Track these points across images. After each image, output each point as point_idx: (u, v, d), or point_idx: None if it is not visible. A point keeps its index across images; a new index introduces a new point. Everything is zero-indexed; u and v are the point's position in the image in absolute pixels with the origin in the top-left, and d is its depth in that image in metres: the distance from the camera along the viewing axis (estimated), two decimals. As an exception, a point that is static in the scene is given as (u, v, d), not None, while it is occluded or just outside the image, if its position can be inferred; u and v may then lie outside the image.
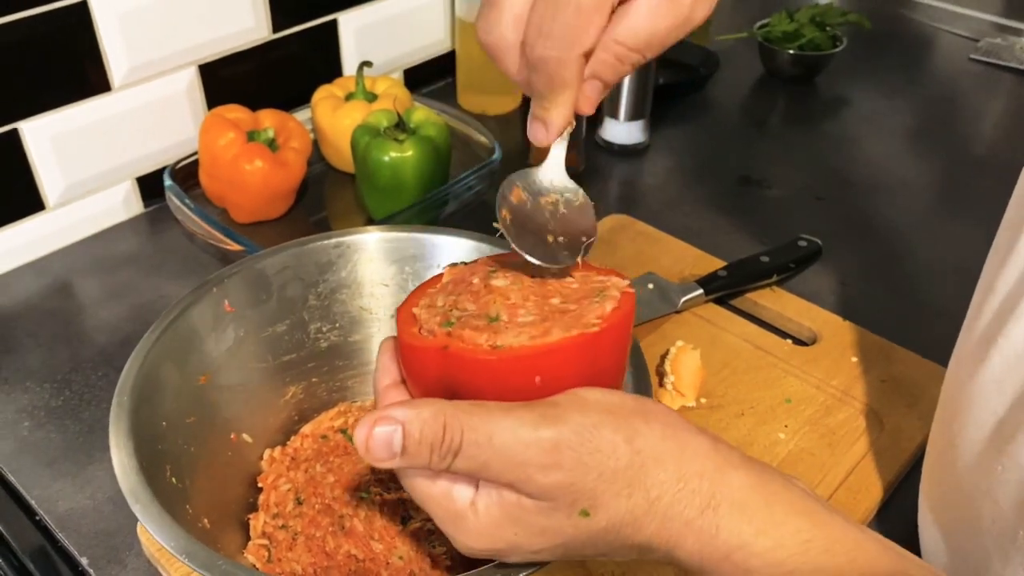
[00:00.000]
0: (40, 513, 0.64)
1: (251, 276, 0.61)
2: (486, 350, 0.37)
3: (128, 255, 0.88)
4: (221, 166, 0.85)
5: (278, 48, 0.97)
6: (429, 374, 0.39)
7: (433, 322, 0.40)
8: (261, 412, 0.62)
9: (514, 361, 0.37)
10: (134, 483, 0.47)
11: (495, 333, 0.38)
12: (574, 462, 0.35)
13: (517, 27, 0.39)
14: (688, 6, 0.40)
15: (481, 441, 0.35)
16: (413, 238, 0.64)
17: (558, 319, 0.39)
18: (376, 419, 0.36)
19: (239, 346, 0.60)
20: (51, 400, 0.72)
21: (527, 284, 0.42)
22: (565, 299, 0.41)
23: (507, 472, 0.35)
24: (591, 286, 0.42)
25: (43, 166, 0.84)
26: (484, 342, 0.38)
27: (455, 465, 0.36)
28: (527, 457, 0.35)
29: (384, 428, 0.36)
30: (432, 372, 0.39)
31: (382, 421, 0.36)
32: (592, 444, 0.35)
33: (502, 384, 0.38)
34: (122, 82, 0.86)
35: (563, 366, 0.38)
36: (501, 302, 0.40)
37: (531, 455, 0.35)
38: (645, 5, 0.39)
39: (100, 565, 0.60)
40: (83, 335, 0.79)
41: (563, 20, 0.38)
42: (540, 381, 0.37)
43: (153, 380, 0.53)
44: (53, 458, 0.67)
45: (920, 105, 1.18)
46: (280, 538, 0.57)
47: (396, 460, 0.36)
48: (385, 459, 0.36)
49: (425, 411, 0.36)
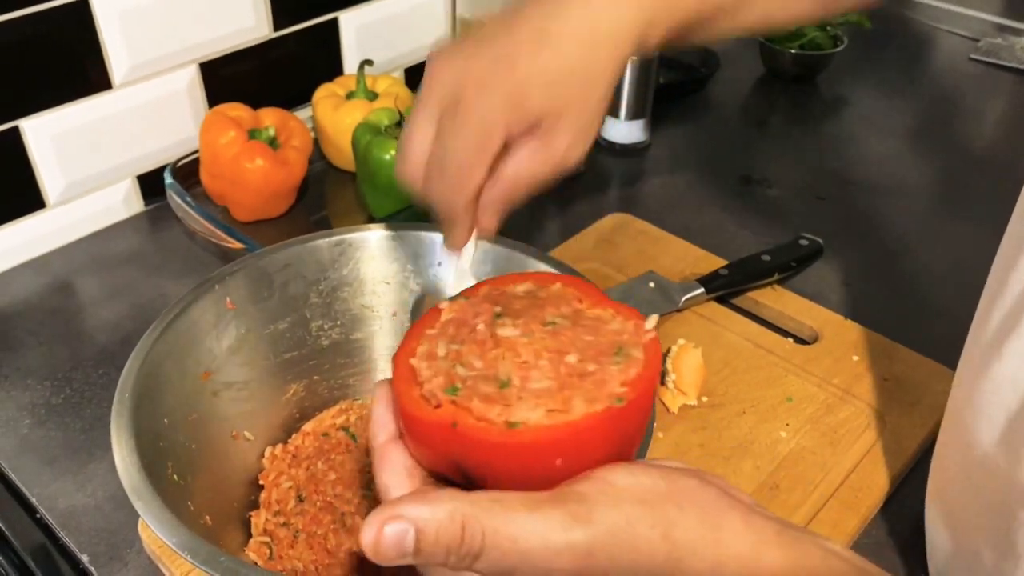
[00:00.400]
0: (41, 511, 0.64)
1: (253, 274, 0.61)
2: (500, 430, 0.34)
3: (129, 253, 0.88)
4: (222, 164, 0.85)
5: (279, 47, 0.97)
6: (435, 446, 0.36)
7: (436, 383, 0.36)
8: (262, 410, 0.62)
9: (533, 444, 0.33)
10: (136, 480, 0.47)
11: (507, 406, 0.34)
12: (608, 565, 0.33)
13: (419, 170, 0.51)
14: (561, 152, 0.49)
15: (504, 546, 0.32)
16: (415, 236, 0.64)
17: (577, 386, 0.35)
18: (386, 517, 0.32)
19: (240, 344, 0.60)
20: (52, 398, 0.72)
21: (538, 335, 0.38)
22: (582, 356, 0.37)
23: (530, 573, 0.33)
24: (609, 338, 0.38)
25: (43, 164, 0.84)
26: (496, 417, 0.34)
27: (476, 567, 0.33)
28: (559, 565, 0.32)
29: (395, 527, 0.32)
30: (439, 446, 0.36)
31: (392, 520, 0.32)
32: (627, 544, 0.33)
33: (519, 467, 0.34)
34: (123, 80, 0.86)
35: (587, 446, 0.34)
36: (511, 360, 0.37)
37: (563, 562, 0.32)
38: (524, 154, 0.49)
39: (101, 563, 0.60)
40: (84, 333, 0.78)
41: (449, 172, 0.49)
42: (561, 463, 0.34)
43: (154, 378, 0.53)
44: (54, 456, 0.67)
45: (921, 105, 1.18)
46: (281, 536, 0.57)
47: (408, 559, 0.32)
48: (395, 560, 0.32)
49: (440, 511, 0.32)
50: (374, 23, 1.05)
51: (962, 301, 0.68)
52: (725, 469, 0.64)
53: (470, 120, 0.48)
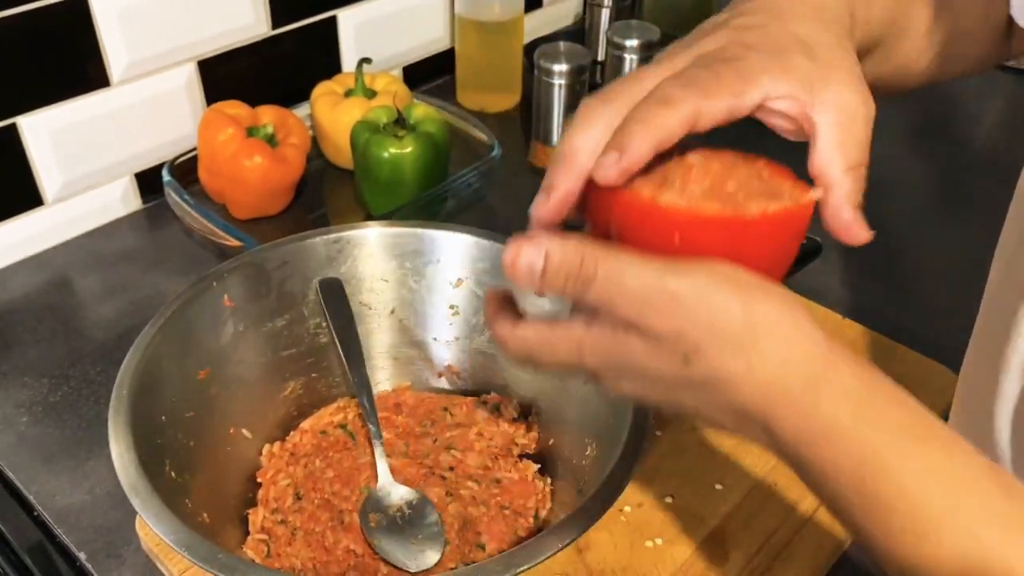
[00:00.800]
0: (38, 508, 0.63)
1: (251, 271, 0.61)
2: (644, 199, 0.39)
3: (126, 251, 0.88)
4: (220, 162, 0.85)
5: (277, 44, 0.97)
6: (600, 211, 0.42)
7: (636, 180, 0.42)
8: (260, 407, 0.62)
9: (662, 215, 0.39)
10: (134, 477, 0.47)
11: (659, 188, 0.40)
12: (688, 312, 0.37)
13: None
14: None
15: (612, 278, 0.38)
16: (413, 233, 0.64)
17: (719, 198, 0.40)
18: (524, 240, 0.39)
19: (238, 341, 0.60)
20: (49, 395, 0.72)
21: (715, 167, 0.43)
22: (739, 188, 0.42)
23: (627, 308, 0.38)
24: (771, 188, 0.42)
25: (41, 161, 0.84)
26: (647, 194, 0.40)
27: (587, 295, 0.38)
28: (647, 299, 0.37)
29: (531, 249, 0.38)
30: (601, 211, 0.42)
31: (529, 243, 0.39)
32: (708, 300, 0.37)
33: (647, 233, 0.40)
34: (121, 77, 0.86)
35: (704, 236, 0.39)
36: (682, 170, 0.42)
37: (651, 298, 0.37)
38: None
39: (98, 560, 0.60)
40: (81, 330, 0.78)
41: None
42: (679, 241, 0.39)
43: (152, 375, 0.53)
44: (51, 453, 0.67)
45: (920, 104, 1.18)
46: (279, 533, 0.57)
47: (536, 280, 0.39)
48: (525, 278, 0.39)
49: (568, 244, 0.38)
50: (373, 21, 1.05)
51: (960, 300, 0.68)
52: (723, 467, 0.64)
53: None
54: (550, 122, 0.97)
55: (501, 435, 0.63)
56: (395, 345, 0.67)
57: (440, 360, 0.67)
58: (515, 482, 0.60)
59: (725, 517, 0.61)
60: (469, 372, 0.66)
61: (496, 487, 0.60)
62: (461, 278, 0.64)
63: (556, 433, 0.62)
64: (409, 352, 0.67)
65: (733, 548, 0.59)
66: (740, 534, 0.60)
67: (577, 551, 0.58)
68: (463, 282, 0.64)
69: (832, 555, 0.60)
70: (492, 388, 0.65)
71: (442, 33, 1.14)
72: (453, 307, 0.65)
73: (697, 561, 0.58)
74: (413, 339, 0.67)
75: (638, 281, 0.38)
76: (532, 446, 0.63)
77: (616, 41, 0.99)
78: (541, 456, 0.62)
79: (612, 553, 0.59)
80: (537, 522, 0.58)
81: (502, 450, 0.62)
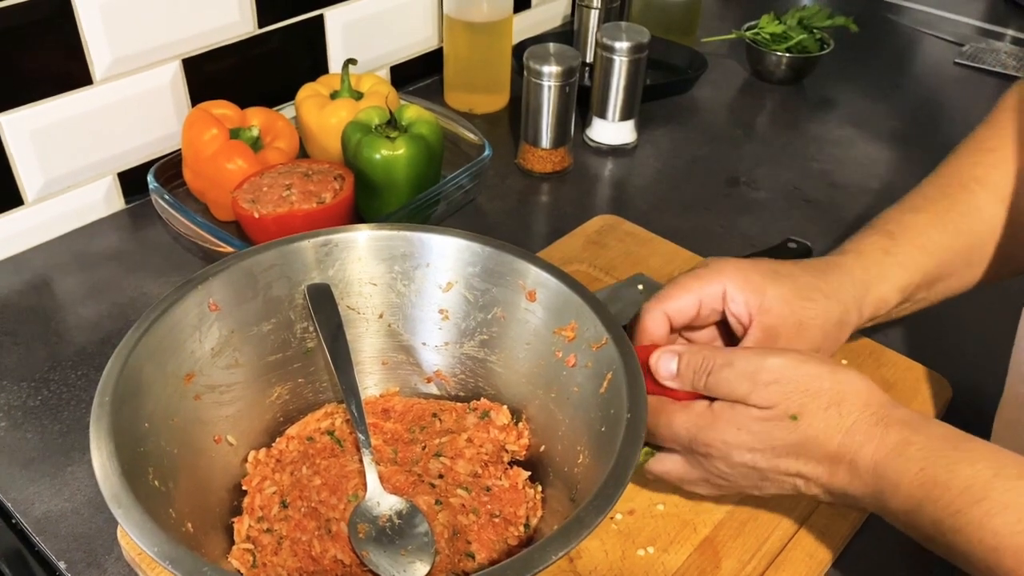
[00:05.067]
0: (16, 516, 0.62)
1: (237, 274, 0.60)
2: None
3: (109, 252, 0.86)
4: (202, 162, 0.83)
5: (263, 43, 0.96)
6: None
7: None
8: (246, 413, 0.61)
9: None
10: (115, 486, 0.46)
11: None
12: (790, 379, 0.51)
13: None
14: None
15: (724, 364, 0.52)
16: (402, 236, 0.63)
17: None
18: (664, 350, 0.55)
19: (224, 346, 0.59)
20: (28, 400, 0.70)
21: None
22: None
23: (741, 384, 0.51)
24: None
25: (22, 160, 0.82)
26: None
27: (707, 382, 0.53)
28: (756, 375, 0.51)
29: (670, 354, 0.55)
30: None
31: (668, 352, 0.55)
32: (804, 369, 0.51)
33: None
34: (104, 75, 0.85)
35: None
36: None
37: (759, 374, 0.51)
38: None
39: (79, 570, 0.59)
40: (62, 333, 0.77)
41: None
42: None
43: (135, 380, 0.52)
44: (30, 459, 0.66)
45: (906, 108, 1.19)
46: (265, 542, 0.56)
47: (672, 376, 0.54)
48: (665, 376, 0.55)
49: (695, 348, 0.55)
50: (360, 21, 1.04)
51: (948, 305, 0.68)
52: (715, 474, 0.64)
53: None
54: (539, 124, 0.96)
55: (491, 442, 0.62)
56: (384, 350, 0.66)
57: (429, 365, 0.66)
58: (506, 490, 0.59)
59: (717, 525, 0.61)
60: (459, 377, 0.66)
61: (486, 495, 0.59)
62: (451, 282, 0.63)
63: (547, 440, 0.61)
64: (398, 357, 0.66)
65: (725, 556, 0.59)
66: (732, 542, 0.60)
67: (568, 559, 0.58)
68: (453, 286, 0.63)
69: (824, 564, 0.60)
70: (482, 394, 0.65)
71: (430, 33, 1.14)
72: (443, 311, 0.64)
73: (689, 569, 0.58)
74: (402, 344, 0.66)
75: (746, 363, 0.52)
76: (523, 453, 0.62)
77: (605, 43, 0.98)
78: (532, 463, 0.61)
79: (604, 561, 0.58)
80: (528, 531, 0.57)
81: (492, 457, 0.61)
